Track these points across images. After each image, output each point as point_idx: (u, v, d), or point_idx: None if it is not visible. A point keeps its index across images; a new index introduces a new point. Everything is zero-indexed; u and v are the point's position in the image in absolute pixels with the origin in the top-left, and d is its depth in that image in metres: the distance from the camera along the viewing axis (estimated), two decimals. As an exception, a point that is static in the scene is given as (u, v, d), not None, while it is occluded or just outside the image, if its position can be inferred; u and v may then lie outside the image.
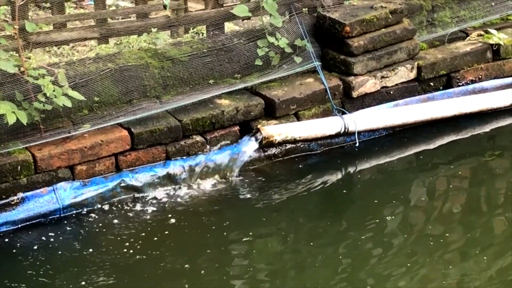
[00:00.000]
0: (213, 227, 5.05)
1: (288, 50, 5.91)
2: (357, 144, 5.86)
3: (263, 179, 5.57)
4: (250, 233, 4.99)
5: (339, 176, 5.68)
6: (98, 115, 5.40)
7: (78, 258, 4.79)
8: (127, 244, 4.89)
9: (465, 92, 6.37)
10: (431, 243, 4.92)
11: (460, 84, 6.39)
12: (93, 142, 5.24)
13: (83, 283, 4.57)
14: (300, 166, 5.73)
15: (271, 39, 5.87)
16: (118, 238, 4.95)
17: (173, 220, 5.11)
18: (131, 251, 4.82)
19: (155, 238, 4.94)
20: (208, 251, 4.85)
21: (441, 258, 4.77)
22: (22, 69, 5.10)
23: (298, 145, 5.80)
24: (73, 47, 5.96)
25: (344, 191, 5.56)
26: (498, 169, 5.84)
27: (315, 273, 4.68)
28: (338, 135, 5.85)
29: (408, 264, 4.72)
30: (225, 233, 5.01)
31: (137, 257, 4.77)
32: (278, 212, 5.23)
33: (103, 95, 5.45)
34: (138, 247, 4.87)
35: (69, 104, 5.12)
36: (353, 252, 4.86)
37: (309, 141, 5.82)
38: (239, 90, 5.79)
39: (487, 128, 6.22)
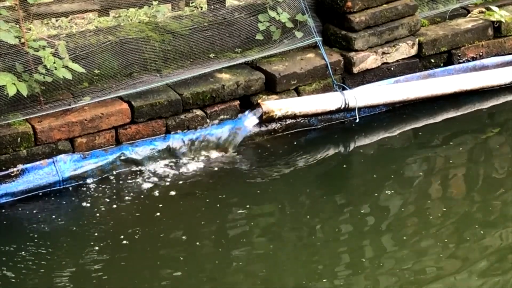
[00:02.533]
0: (212, 200, 5.06)
1: (289, 25, 5.89)
2: (357, 120, 5.86)
3: (263, 154, 5.57)
4: (247, 206, 5.00)
5: (339, 151, 5.69)
6: (99, 87, 5.39)
7: (76, 230, 4.80)
8: (125, 217, 4.91)
9: (465, 69, 6.35)
10: (430, 217, 4.93)
11: (461, 61, 6.38)
12: (93, 115, 5.23)
13: (81, 255, 4.58)
14: (300, 141, 5.73)
15: (272, 14, 5.86)
16: (117, 211, 4.96)
17: (172, 193, 5.12)
18: (129, 224, 4.83)
19: (154, 211, 4.94)
20: (203, 223, 4.85)
21: (439, 234, 4.78)
22: (22, 40, 5.09)
23: (298, 120, 5.80)
24: (71, 19, 5.95)
25: (344, 166, 5.57)
26: (497, 146, 5.85)
27: (312, 247, 4.69)
28: (338, 110, 5.85)
29: (405, 238, 4.74)
30: (223, 206, 5.01)
31: (135, 229, 4.78)
32: (276, 186, 5.23)
33: (103, 68, 5.45)
34: (137, 219, 4.88)
35: (69, 76, 5.11)
36: (351, 226, 4.87)
37: (309, 117, 5.81)
38: (240, 65, 5.77)
39: (487, 105, 6.22)
